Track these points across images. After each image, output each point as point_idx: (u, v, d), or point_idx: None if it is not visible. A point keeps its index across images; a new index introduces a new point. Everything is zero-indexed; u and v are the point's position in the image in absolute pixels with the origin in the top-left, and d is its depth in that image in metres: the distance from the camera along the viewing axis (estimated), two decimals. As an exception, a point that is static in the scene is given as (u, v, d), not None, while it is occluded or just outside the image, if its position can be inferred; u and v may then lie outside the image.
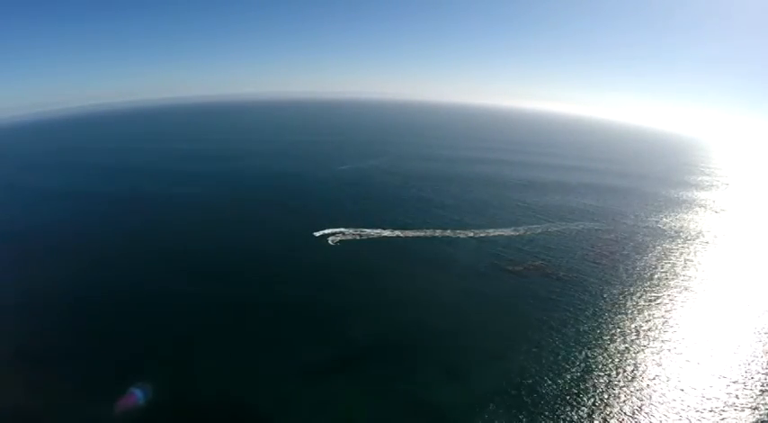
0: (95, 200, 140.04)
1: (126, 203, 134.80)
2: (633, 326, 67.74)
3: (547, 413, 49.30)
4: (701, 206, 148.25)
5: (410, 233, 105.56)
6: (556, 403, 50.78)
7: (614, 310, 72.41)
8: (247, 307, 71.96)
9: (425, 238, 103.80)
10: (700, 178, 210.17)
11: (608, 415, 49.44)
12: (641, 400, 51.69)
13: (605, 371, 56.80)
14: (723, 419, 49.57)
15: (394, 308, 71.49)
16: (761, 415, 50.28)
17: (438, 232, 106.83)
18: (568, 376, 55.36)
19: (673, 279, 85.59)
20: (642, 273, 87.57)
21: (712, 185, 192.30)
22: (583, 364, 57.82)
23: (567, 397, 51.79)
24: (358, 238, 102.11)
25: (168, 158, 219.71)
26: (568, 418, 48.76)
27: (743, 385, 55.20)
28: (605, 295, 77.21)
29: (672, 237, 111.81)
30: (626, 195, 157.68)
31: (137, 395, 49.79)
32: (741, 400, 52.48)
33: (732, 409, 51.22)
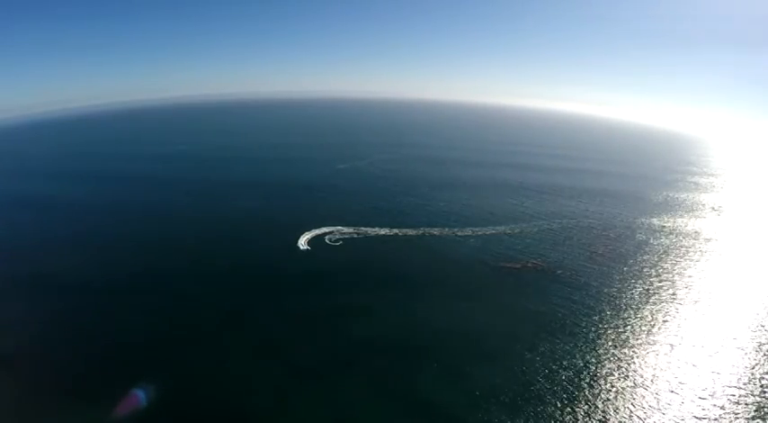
0: (90, 203, 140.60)
1: (128, 206, 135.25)
2: (630, 325, 68.27)
3: (545, 412, 49.87)
4: (699, 205, 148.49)
5: (409, 232, 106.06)
6: (554, 402, 51.34)
7: (612, 308, 72.94)
8: (247, 307, 72.48)
9: (424, 236, 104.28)
10: (700, 178, 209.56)
11: (606, 414, 50.00)
12: (639, 401, 52.16)
13: (603, 370, 57.33)
14: (721, 420, 50.09)
15: (393, 306, 72.02)
16: (760, 416, 50.66)
17: (436, 231, 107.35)
18: (566, 375, 55.91)
19: (671, 278, 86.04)
20: (640, 271, 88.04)
21: (712, 185, 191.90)
22: (581, 363, 58.36)
23: (565, 396, 52.35)
24: (356, 236, 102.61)
25: (165, 161, 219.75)
26: (566, 417, 49.37)
27: (742, 386, 55.54)
28: (603, 294, 77.72)
29: (670, 235, 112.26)
30: (624, 194, 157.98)
31: (139, 396, 50.34)
32: (739, 401, 52.82)
33: (730, 409, 51.65)
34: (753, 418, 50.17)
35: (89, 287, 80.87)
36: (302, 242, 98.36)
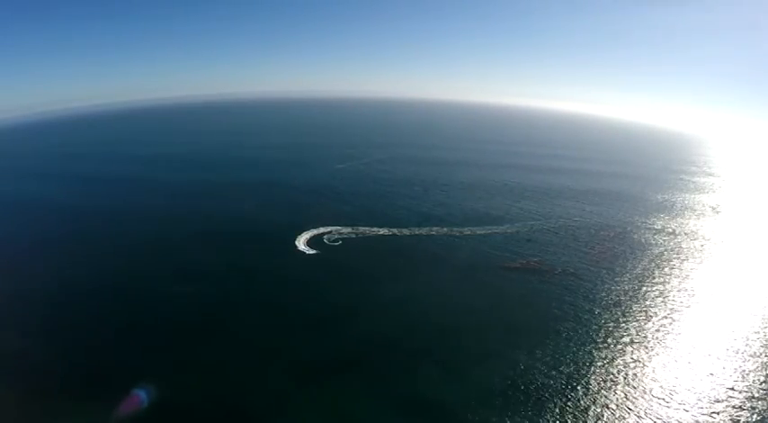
0: (89, 203, 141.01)
1: (127, 206, 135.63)
2: (629, 326, 68.50)
3: (542, 414, 50.19)
4: (699, 205, 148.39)
5: (407, 231, 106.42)
6: (552, 401, 51.67)
7: (610, 309, 73.19)
8: (246, 307, 72.95)
9: (423, 236, 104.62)
10: (699, 178, 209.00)
11: (604, 413, 50.34)
12: (637, 403, 52.33)
13: (602, 370, 57.62)
14: (719, 420, 50.37)
15: (392, 306, 72.40)
16: (757, 416, 50.80)
17: (435, 231, 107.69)
18: (564, 377, 56.13)
19: (670, 279, 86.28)
20: (639, 272, 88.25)
21: (712, 185, 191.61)
22: (578, 365, 58.59)
23: (562, 398, 52.62)
24: (355, 236, 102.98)
25: (165, 161, 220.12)
26: (564, 416, 49.73)
27: (741, 389, 55.56)
28: (601, 294, 77.99)
29: (669, 236, 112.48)
30: (623, 194, 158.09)
31: (140, 396, 50.69)
32: (739, 405, 52.82)
33: (729, 413, 51.77)
34: (749, 417, 50.36)
35: (89, 286, 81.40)
36: (301, 242, 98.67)
